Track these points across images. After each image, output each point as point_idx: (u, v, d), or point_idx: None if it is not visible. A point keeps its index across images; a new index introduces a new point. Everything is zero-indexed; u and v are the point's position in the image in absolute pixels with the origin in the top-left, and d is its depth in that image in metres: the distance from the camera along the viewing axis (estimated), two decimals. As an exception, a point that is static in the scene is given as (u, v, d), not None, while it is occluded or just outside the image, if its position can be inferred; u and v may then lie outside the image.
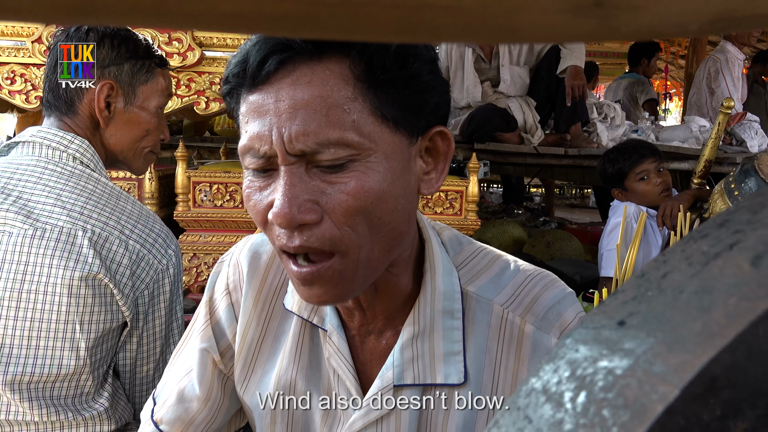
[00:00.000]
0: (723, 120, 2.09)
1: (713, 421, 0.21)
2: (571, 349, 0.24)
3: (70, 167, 1.04)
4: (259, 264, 0.73)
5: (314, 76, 0.53)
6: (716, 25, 0.17)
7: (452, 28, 0.16)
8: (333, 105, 0.53)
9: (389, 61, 0.54)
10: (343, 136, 0.53)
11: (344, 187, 0.54)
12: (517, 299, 0.66)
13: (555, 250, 2.98)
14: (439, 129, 0.60)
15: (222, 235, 1.94)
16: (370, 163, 0.54)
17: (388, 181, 0.55)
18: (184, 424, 0.77)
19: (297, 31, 0.16)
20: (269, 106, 0.54)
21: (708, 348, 0.21)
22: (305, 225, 0.54)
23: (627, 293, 0.25)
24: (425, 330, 0.65)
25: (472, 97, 3.33)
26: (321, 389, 0.70)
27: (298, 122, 0.52)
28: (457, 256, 0.69)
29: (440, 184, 0.62)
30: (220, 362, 0.76)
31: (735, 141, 3.41)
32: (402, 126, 0.56)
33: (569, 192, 8.31)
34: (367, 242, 0.56)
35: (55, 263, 0.97)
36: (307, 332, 0.71)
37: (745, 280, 0.23)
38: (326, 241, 0.55)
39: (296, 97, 0.53)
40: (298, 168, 0.54)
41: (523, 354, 0.65)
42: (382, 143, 0.55)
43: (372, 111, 0.54)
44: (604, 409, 0.21)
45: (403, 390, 0.66)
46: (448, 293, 0.66)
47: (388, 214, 0.56)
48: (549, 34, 0.17)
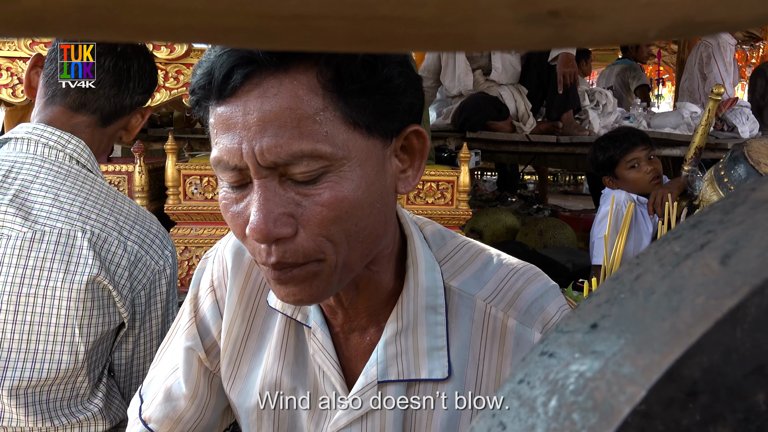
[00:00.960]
0: (713, 106, 2.10)
1: (693, 426, 0.22)
2: (546, 353, 0.25)
3: (66, 167, 1.02)
4: (243, 260, 0.73)
5: (282, 87, 0.52)
6: (675, 30, 0.17)
7: (408, 39, 0.16)
8: (303, 116, 0.52)
9: (357, 69, 0.53)
10: (316, 148, 0.52)
11: (318, 199, 0.54)
12: (499, 294, 0.67)
13: (548, 238, 2.99)
14: (414, 128, 0.60)
15: (213, 227, 1.94)
16: (343, 172, 0.54)
17: (363, 188, 0.55)
18: (172, 422, 0.77)
19: (250, 43, 0.16)
20: (237, 120, 0.53)
21: (675, 347, 0.21)
22: (281, 239, 0.54)
23: (601, 296, 0.25)
24: (409, 326, 0.65)
25: (463, 86, 3.32)
26: (307, 386, 0.71)
27: (269, 135, 0.52)
28: (440, 251, 0.69)
29: (417, 182, 0.62)
30: (206, 360, 0.76)
31: (726, 126, 3.42)
32: (375, 130, 0.56)
33: (563, 179, 8.32)
34: (344, 249, 0.56)
35: (56, 267, 0.96)
36: (292, 329, 0.71)
37: (713, 278, 0.23)
38: (300, 255, 0.55)
39: (264, 109, 0.52)
40: (272, 181, 0.54)
41: (507, 348, 0.65)
42: (355, 150, 0.54)
43: (343, 119, 0.53)
44: (574, 413, 0.21)
45: (388, 386, 0.66)
46: (431, 289, 0.66)
47: (364, 220, 0.56)
48: (505, 42, 0.16)
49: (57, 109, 1.05)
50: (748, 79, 4.52)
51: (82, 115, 1.06)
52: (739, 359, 0.22)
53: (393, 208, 0.62)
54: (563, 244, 2.95)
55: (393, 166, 0.59)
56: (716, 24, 0.16)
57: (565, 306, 0.67)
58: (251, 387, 0.72)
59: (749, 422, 0.22)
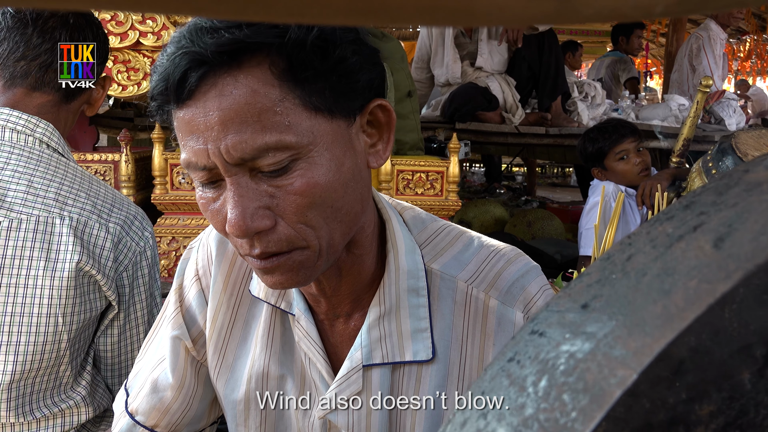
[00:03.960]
0: (701, 98, 2.11)
1: (679, 404, 0.22)
2: (536, 332, 0.24)
3: (37, 151, 1.00)
4: (228, 248, 0.73)
5: (237, 84, 0.52)
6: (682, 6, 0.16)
7: (406, 10, 0.16)
8: (263, 109, 0.52)
9: (309, 56, 0.53)
10: (280, 139, 0.52)
11: (291, 188, 0.54)
12: (480, 275, 0.67)
13: (536, 229, 3.00)
14: (378, 102, 0.60)
15: (200, 218, 1.93)
16: (312, 158, 0.54)
17: (333, 170, 0.55)
18: (159, 413, 0.76)
19: (243, 14, 0.16)
20: (199, 121, 0.53)
21: (666, 331, 0.21)
22: (261, 231, 0.55)
23: (592, 276, 0.25)
24: (391, 309, 0.66)
25: (451, 74, 3.31)
26: (294, 373, 0.71)
27: (232, 133, 0.52)
28: (420, 234, 0.69)
29: (388, 155, 0.62)
30: (193, 349, 0.75)
31: (713, 119, 3.44)
32: (337, 111, 0.56)
33: (551, 171, 8.35)
34: (326, 231, 0.57)
35: (35, 255, 0.94)
36: (278, 317, 0.71)
37: (706, 262, 0.23)
38: (283, 243, 0.56)
39: (224, 108, 0.52)
40: (243, 177, 0.54)
41: (489, 329, 0.66)
42: (320, 135, 0.55)
43: (303, 106, 0.54)
44: (564, 394, 0.21)
45: (373, 369, 0.67)
46: (412, 272, 0.66)
47: (340, 200, 0.57)
48: (507, 16, 0.16)
49: (18, 91, 1.02)
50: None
51: (45, 95, 1.03)
52: (726, 339, 0.22)
53: (368, 185, 0.62)
54: (552, 236, 2.97)
55: (361, 142, 0.60)
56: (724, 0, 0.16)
57: (547, 286, 0.68)
58: (238, 377, 0.72)
59: (734, 400, 0.22)
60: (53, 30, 1.00)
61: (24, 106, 1.01)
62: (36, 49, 1.00)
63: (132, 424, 0.78)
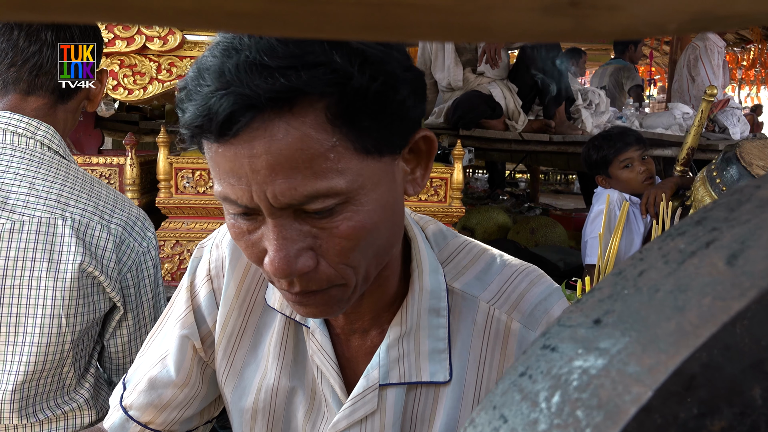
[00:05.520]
0: (706, 107, 2.11)
1: (690, 419, 0.21)
2: (548, 347, 0.24)
3: (39, 154, 1.00)
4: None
5: (289, 128, 0.48)
6: (695, 24, 0.16)
7: (422, 27, 0.16)
8: (315, 155, 0.49)
9: (369, 103, 0.50)
10: (331, 186, 0.50)
11: (336, 231, 0.52)
12: (503, 296, 0.66)
13: (539, 236, 2.99)
14: (423, 134, 0.58)
15: (205, 222, 1.93)
16: (359, 201, 0.52)
17: (379, 210, 0.54)
18: (156, 410, 0.75)
19: (259, 29, 0.16)
20: (243, 162, 0.49)
21: (681, 348, 0.21)
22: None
23: (603, 291, 0.25)
24: (412, 329, 0.65)
25: (453, 77, 3.31)
26: (305, 386, 0.70)
27: (281, 178, 0.49)
28: (442, 252, 0.68)
29: (425, 183, 0.60)
30: (201, 349, 0.74)
31: (718, 128, 3.44)
32: (386, 149, 0.54)
33: (554, 178, 8.35)
34: (363, 267, 0.56)
35: (38, 257, 0.94)
36: (291, 328, 0.70)
37: (720, 279, 0.22)
38: (324, 282, 0.55)
39: (273, 152, 0.49)
40: (287, 219, 0.52)
41: (509, 351, 0.64)
42: (368, 176, 0.53)
43: (355, 150, 0.51)
44: (578, 410, 0.21)
45: (389, 389, 0.65)
46: (434, 291, 0.65)
47: (382, 238, 0.56)
48: (523, 33, 0.16)
49: (13, 97, 1.02)
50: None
51: (39, 98, 1.02)
52: (738, 354, 0.22)
53: (403, 213, 0.61)
54: (554, 243, 2.96)
55: (401, 172, 0.58)
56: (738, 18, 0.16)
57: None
58: (247, 385, 0.72)
59: (745, 416, 0.22)
60: (39, 31, 1.00)
61: (20, 111, 1.01)
62: (24, 53, 1.00)
63: (125, 419, 0.76)
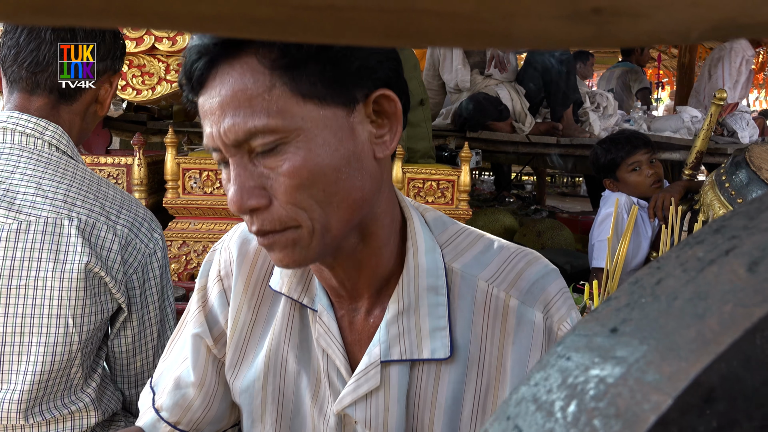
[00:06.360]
0: (715, 111, 2.10)
1: (709, 432, 0.21)
2: (563, 356, 0.24)
3: (46, 154, 1.00)
4: (248, 249, 0.76)
5: (233, 72, 0.57)
6: (717, 32, 0.16)
7: (443, 33, 0.16)
8: (253, 96, 0.57)
9: (308, 50, 0.57)
10: (267, 123, 0.56)
11: (281, 170, 0.58)
12: (501, 275, 0.68)
13: (546, 239, 2.98)
14: (381, 92, 0.61)
15: (212, 222, 1.93)
16: (299, 142, 0.58)
17: (323, 155, 0.58)
18: (181, 410, 0.78)
19: (280, 35, 0.15)
20: (207, 107, 0.59)
21: (702, 356, 0.21)
22: (257, 209, 0.59)
23: (620, 300, 0.25)
24: (410, 307, 0.67)
25: (460, 78, 3.31)
26: (311, 370, 0.72)
27: (228, 117, 0.57)
28: (441, 235, 0.70)
29: (394, 146, 0.64)
30: (214, 347, 0.77)
31: (726, 132, 3.42)
32: (330, 99, 0.58)
33: (560, 180, 8.33)
34: (319, 214, 0.59)
35: (44, 257, 0.94)
36: (296, 313, 0.73)
37: (741, 286, 0.22)
38: (276, 222, 0.59)
39: (222, 94, 0.57)
40: (242, 158, 0.59)
41: (509, 328, 0.66)
42: (309, 121, 0.58)
43: (292, 93, 0.57)
44: (595, 419, 0.21)
45: (392, 366, 0.67)
46: (431, 270, 0.67)
47: (332, 185, 0.59)
48: (545, 40, 0.16)
49: (18, 96, 1.02)
50: None
51: (40, 97, 1.02)
52: (758, 366, 0.21)
53: (373, 174, 0.63)
54: (561, 246, 2.95)
55: (365, 131, 0.61)
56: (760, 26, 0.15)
57: (565, 289, 0.68)
58: (257, 372, 0.74)
59: (765, 430, 0.22)
60: (39, 30, 1.00)
61: (26, 110, 1.01)
62: (23, 51, 1.00)
63: (156, 419, 0.79)
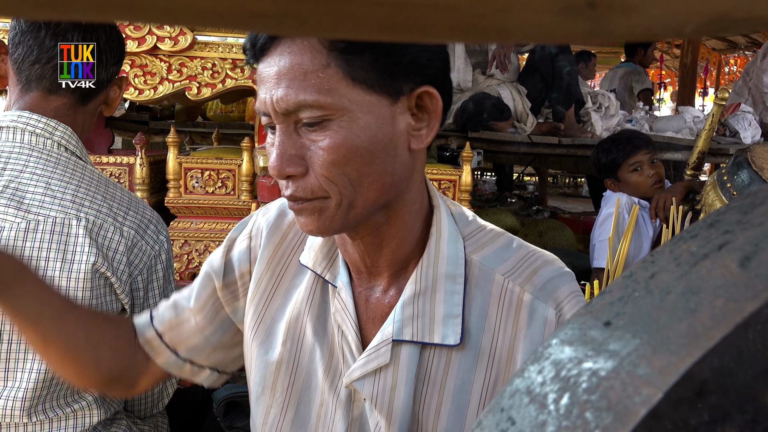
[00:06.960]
0: (717, 111, 2.10)
1: (701, 426, 0.21)
2: (557, 349, 0.24)
3: (56, 154, 1.01)
4: (283, 222, 0.81)
5: (294, 46, 0.62)
6: (712, 26, 0.16)
7: (439, 28, 0.16)
8: (308, 71, 0.61)
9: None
10: (317, 99, 0.61)
11: (321, 144, 0.62)
12: (518, 270, 0.70)
13: (547, 239, 2.99)
14: (425, 89, 0.65)
15: (213, 222, 1.94)
16: (343, 122, 0.62)
17: (362, 137, 0.62)
18: (171, 327, 0.84)
19: (278, 29, 0.16)
20: (264, 74, 0.64)
21: (693, 350, 0.21)
22: (293, 176, 0.63)
23: (614, 293, 0.25)
24: (427, 290, 0.69)
25: (462, 78, 3.31)
26: (325, 345, 0.75)
27: (282, 87, 0.62)
28: (465, 228, 0.73)
29: (429, 140, 0.67)
30: (220, 290, 0.82)
31: (728, 132, 3.42)
32: (378, 87, 0.62)
33: (562, 181, 8.32)
34: (348, 190, 0.63)
35: (52, 256, 0.95)
36: (318, 287, 0.76)
37: (733, 281, 0.22)
38: (308, 191, 0.64)
39: (281, 65, 0.62)
40: (288, 127, 0.63)
41: (521, 321, 0.68)
42: (355, 104, 0.62)
43: (344, 76, 0.61)
44: (587, 412, 0.21)
45: (402, 346, 0.69)
46: (451, 258, 0.70)
47: (366, 167, 0.63)
48: (540, 34, 0.16)
49: (35, 94, 1.03)
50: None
51: (61, 97, 1.03)
52: (750, 360, 0.22)
53: (405, 163, 0.67)
54: (563, 246, 2.95)
55: (404, 122, 0.65)
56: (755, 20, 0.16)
57: (578, 292, 0.70)
58: (275, 338, 0.77)
59: (757, 423, 0.22)
60: (66, 32, 1.01)
61: (41, 110, 1.02)
62: (49, 52, 1.01)
63: (148, 323, 0.85)
